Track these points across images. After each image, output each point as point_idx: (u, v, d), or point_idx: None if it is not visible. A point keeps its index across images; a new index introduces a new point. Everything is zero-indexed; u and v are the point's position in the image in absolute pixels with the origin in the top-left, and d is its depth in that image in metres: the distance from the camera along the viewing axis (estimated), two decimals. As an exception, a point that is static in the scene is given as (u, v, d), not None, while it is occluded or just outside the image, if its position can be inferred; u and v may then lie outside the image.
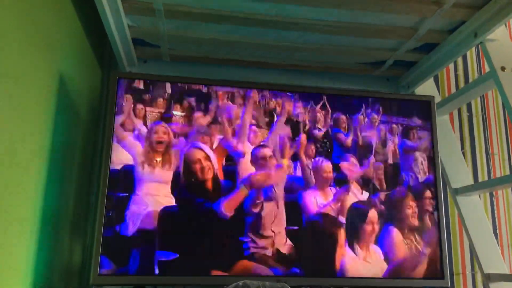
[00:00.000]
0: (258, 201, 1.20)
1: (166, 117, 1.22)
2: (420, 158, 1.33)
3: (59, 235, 1.17)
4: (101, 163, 1.39)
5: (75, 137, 1.27)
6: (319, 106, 1.31)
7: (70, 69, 1.19)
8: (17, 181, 0.90)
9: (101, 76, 1.51)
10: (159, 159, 1.18)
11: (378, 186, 1.28)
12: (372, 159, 1.30)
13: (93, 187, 1.45)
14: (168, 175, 1.18)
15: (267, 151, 1.24)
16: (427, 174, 1.32)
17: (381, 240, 1.25)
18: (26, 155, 0.93)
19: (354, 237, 1.23)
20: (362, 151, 1.30)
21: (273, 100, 1.29)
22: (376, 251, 1.24)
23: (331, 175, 1.26)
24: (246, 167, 1.22)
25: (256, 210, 1.19)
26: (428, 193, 1.30)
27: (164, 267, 1.13)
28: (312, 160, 1.26)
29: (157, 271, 1.12)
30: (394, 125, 1.34)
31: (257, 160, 1.23)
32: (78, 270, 1.36)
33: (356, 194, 1.26)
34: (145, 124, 1.21)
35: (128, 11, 1.20)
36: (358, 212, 1.25)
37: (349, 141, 1.30)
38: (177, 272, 1.13)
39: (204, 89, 1.26)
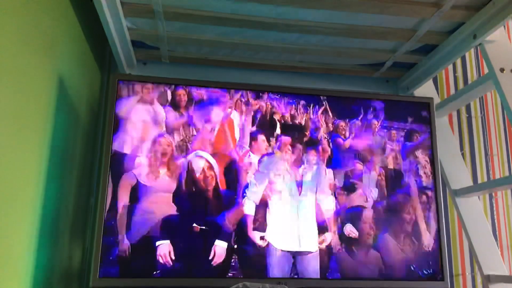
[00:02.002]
0: (259, 219, 1.20)
1: (168, 126, 1.22)
2: (419, 159, 1.33)
3: (59, 237, 1.17)
4: (101, 166, 1.39)
5: (74, 139, 1.27)
6: (318, 108, 1.31)
7: (70, 71, 1.19)
8: (17, 183, 0.89)
9: (100, 78, 1.51)
10: (163, 170, 1.18)
11: (378, 189, 1.28)
12: (373, 162, 1.30)
13: (93, 189, 1.44)
14: (171, 184, 1.18)
15: (268, 159, 1.24)
16: (426, 175, 1.32)
17: (381, 243, 1.25)
18: (26, 158, 0.93)
19: (353, 240, 1.24)
20: (363, 155, 1.30)
21: (274, 106, 1.28)
22: (375, 254, 1.24)
23: (332, 182, 1.27)
24: (248, 177, 1.22)
25: (256, 225, 1.20)
26: (427, 195, 1.30)
27: (164, 274, 1.13)
28: (313, 165, 1.26)
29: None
30: (394, 127, 1.34)
31: (260, 169, 1.23)
32: (78, 273, 1.36)
33: (360, 200, 1.27)
34: (146, 133, 1.20)
35: (128, 13, 1.20)
36: (358, 216, 1.25)
37: (349, 145, 1.30)
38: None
39: (204, 95, 1.26)
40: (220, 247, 1.16)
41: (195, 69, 1.53)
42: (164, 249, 1.14)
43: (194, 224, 1.16)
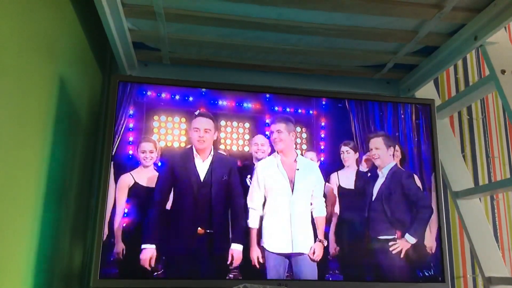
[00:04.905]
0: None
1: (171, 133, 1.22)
2: (421, 161, 1.32)
3: (60, 238, 1.17)
4: (102, 167, 1.39)
5: (75, 140, 1.27)
6: (319, 110, 1.31)
7: (71, 72, 1.19)
8: (17, 184, 0.89)
9: (101, 79, 1.51)
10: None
11: (380, 190, 1.28)
12: (376, 165, 1.30)
13: (94, 190, 1.44)
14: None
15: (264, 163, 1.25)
16: (427, 177, 1.31)
17: (382, 244, 1.24)
18: (26, 159, 0.93)
19: (353, 241, 1.23)
20: (364, 156, 1.30)
21: (274, 106, 1.29)
22: (376, 255, 1.24)
23: (329, 182, 1.27)
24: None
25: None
26: (429, 197, 1.30)
27: (163, 274, 1.13)
28: (310, 166, 1.26)
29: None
30: (395, 128, 1.33)
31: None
32: (79, 273, 1.36)
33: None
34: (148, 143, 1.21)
35: (129, 14, 1.20)
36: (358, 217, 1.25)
37: (351, 147, 1.30)
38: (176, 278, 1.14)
39: (205, 103, 1.26)
40: (237, 251, 1.16)
41: (196, 71, 1.53)
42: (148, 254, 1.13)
43: (199, 228, 1.16)
